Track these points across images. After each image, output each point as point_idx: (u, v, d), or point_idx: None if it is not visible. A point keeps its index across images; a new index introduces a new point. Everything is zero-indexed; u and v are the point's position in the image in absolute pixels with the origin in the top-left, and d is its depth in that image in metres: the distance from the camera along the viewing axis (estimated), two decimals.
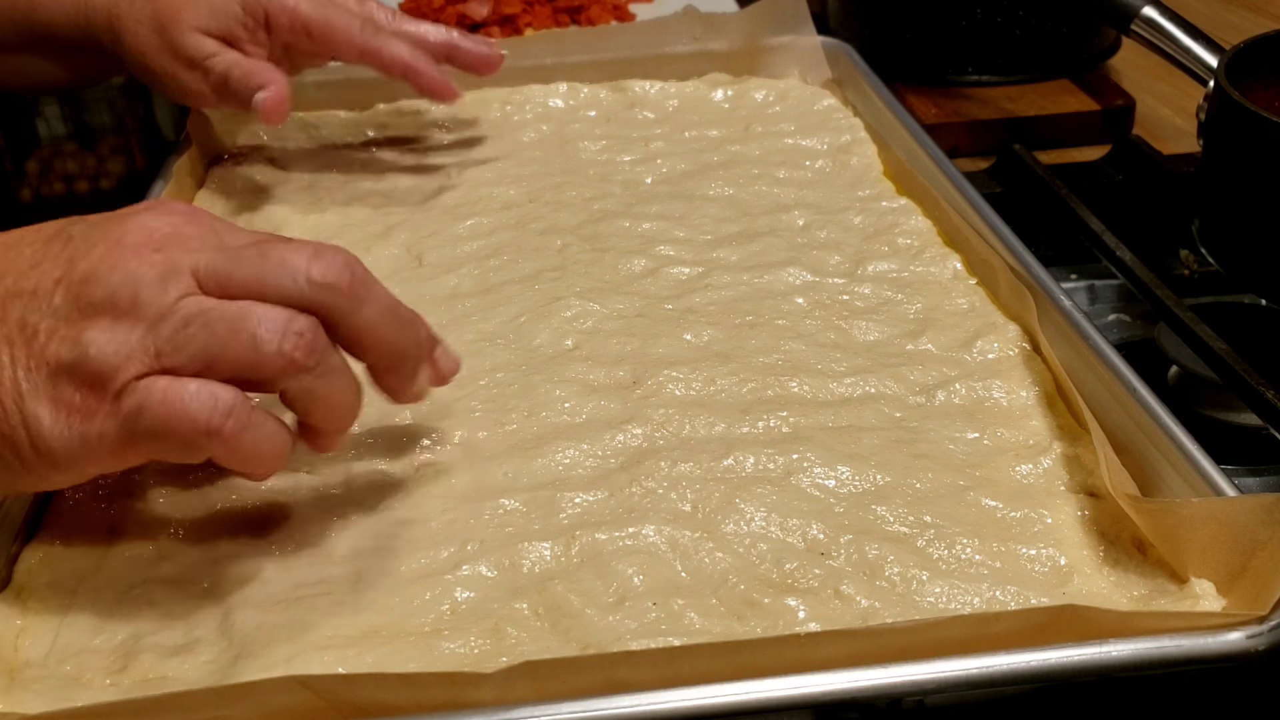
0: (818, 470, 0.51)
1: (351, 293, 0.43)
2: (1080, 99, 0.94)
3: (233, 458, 0.42)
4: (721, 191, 0.75)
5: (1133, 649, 0.39)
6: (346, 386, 0.45)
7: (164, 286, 0.41)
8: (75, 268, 0.42)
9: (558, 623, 0.44)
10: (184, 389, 0.41)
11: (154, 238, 0.43)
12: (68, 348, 0.41)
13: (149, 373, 0.41)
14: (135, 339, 0.41)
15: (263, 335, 0.41)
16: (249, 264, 0.43)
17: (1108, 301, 0.75)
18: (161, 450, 0.42)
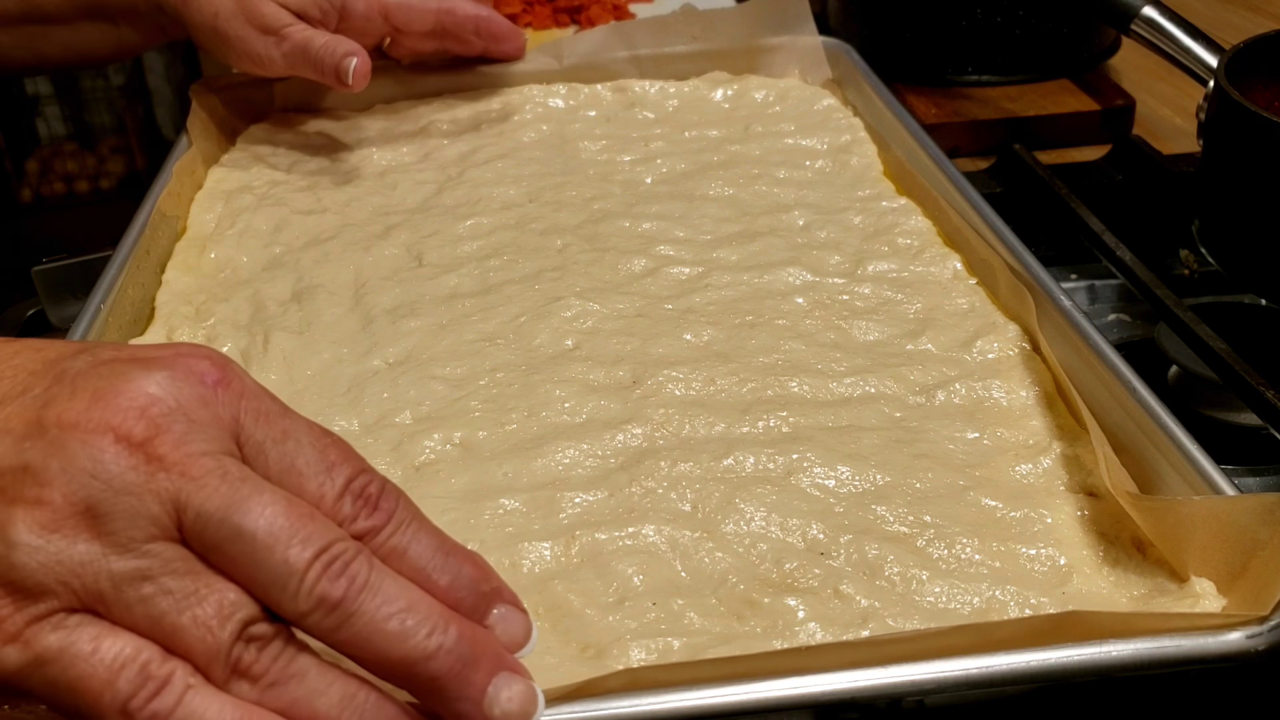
0: (817, 470, 0.51)
1: (343, 608, 0.34)
2: (1080, 99, 0.94)
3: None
4: (721, 191, 0.75)
5: (1133, 649, 0.39)
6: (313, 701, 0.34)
7: (136, 510, 0.33)
8: (45, 419, 0.33)
9: (558, 623, 0.44)
10: (127, 650, 0.33)
11: (147, 422, 0.34)
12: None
13: (81, 609, 0.33)
14: (78, 557, 0.32)
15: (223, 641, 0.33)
16: (245, 537, 0.33)
17: (1108, 301, 0.75)
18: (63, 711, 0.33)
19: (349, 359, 0.60)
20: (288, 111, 0.87)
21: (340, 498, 0.36)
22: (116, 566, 0.33)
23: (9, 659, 0.33)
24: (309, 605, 0.34)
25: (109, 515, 0.33)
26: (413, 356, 0.59)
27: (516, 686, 0.35)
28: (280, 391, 0.58)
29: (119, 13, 0.80)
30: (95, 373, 0.35)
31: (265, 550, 0.33)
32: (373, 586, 0.34)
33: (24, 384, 0.35)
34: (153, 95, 1.70)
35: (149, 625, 0.33)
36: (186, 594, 0.33)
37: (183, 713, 0.32)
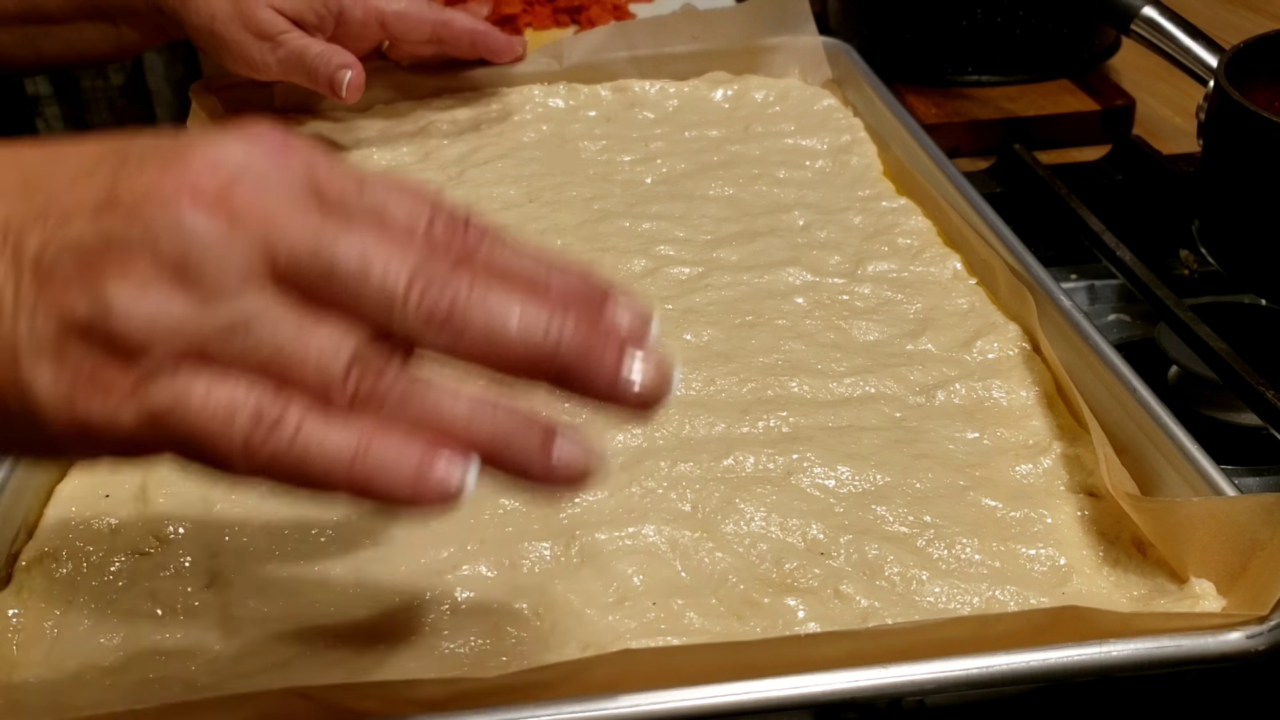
0: (817, 470, 0.51)
1: (454, 321, 0.33)
2: (1080, 99, 0.94)
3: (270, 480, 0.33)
4: (721, 191, 0.75)
5: (1133, 649, 0.39)
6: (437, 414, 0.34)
7: (223, 259, 0.32)
8: (119, 194, 0.33)
9: (558, 622, 0.44)
10: (238, 394, 0.32)
11: (221, 178, 0.33)
12: (91, 298, 0.32)
13: (187, 359, 0.32)
14: (176, 312, 0.32)
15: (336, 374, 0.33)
16: (340, 269, 0.33)
17: (1108, 301, 0.74)
18: (184, 458, 0.33)
19: None
20: (287, 112, 0.87)
21: (430, 226, 0.35)
22: (216, 316, 0.32)
23: (124, 419, 0.32)
24: (419, 323, 0.33)
25: (199, 269, 0.32)
26: None
27: (651, 360, 0.34)
28: None
29: (118, 13, 0.80)
30: (160, 148, 0.34)
31: (362, 279, 0.33)
32: (478, 296, 0.33)
33: (90, 166, 0.34)
34: (153, 95, 1.70)
35: (258, 369, 0.32)
36: (291, 334, 0.32)
37: (301, 443, 0.32)
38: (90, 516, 0.51)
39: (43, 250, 0.32)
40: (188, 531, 0.50)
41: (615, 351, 0.34)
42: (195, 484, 0.52)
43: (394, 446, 0.33)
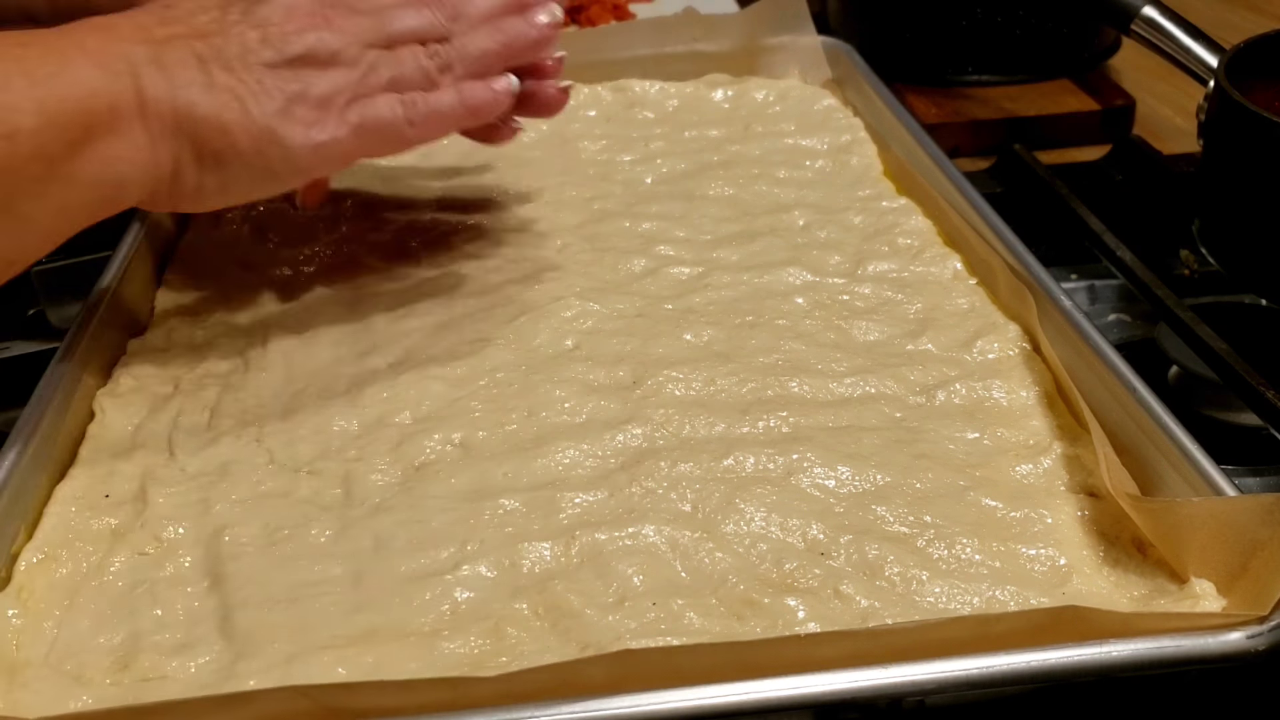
0: (818, 470, 0.51)
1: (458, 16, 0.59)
2: (1080, 99, 0.94)
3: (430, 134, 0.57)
4: (721, 191, 0.75)
5: (1133, 649, 0.39)
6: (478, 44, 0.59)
7: (347, 48, 0.55)
8: (270, 33, 0.54)
9: (557, 623, 0.44)
10: (390, 99, 0.56)
11: (317, 10, 0.55)
12: (294, 83, 0.53)
13: (359, 95, 0.55)
14: (342, 77, 0.55)
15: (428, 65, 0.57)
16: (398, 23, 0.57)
17: (1108, 301, 0.74)
18: (378, 147, 0.57)
19: (349, 359, 0.60)
20: None
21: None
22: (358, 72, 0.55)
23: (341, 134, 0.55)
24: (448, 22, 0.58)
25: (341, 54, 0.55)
26: (412, 356, 0.59)
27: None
28: (280, 391, 0.58)
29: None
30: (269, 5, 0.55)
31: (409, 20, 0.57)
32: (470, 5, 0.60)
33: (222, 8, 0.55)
34: None
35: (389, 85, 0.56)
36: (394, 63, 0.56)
37: (432, 106, 0.57)
38: (90, 516, 0.51)
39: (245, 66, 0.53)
40: (188, 531, 0.50)
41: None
42: (195, 484, 0.52)
43: (472, 85, 0.58)
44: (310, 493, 0.51)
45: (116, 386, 0.59)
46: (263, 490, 0.52)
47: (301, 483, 0.52)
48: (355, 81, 0.55)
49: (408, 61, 0.57)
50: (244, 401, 0.57)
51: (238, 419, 0.56)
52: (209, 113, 0.52)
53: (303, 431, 0.55)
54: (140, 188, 0.52)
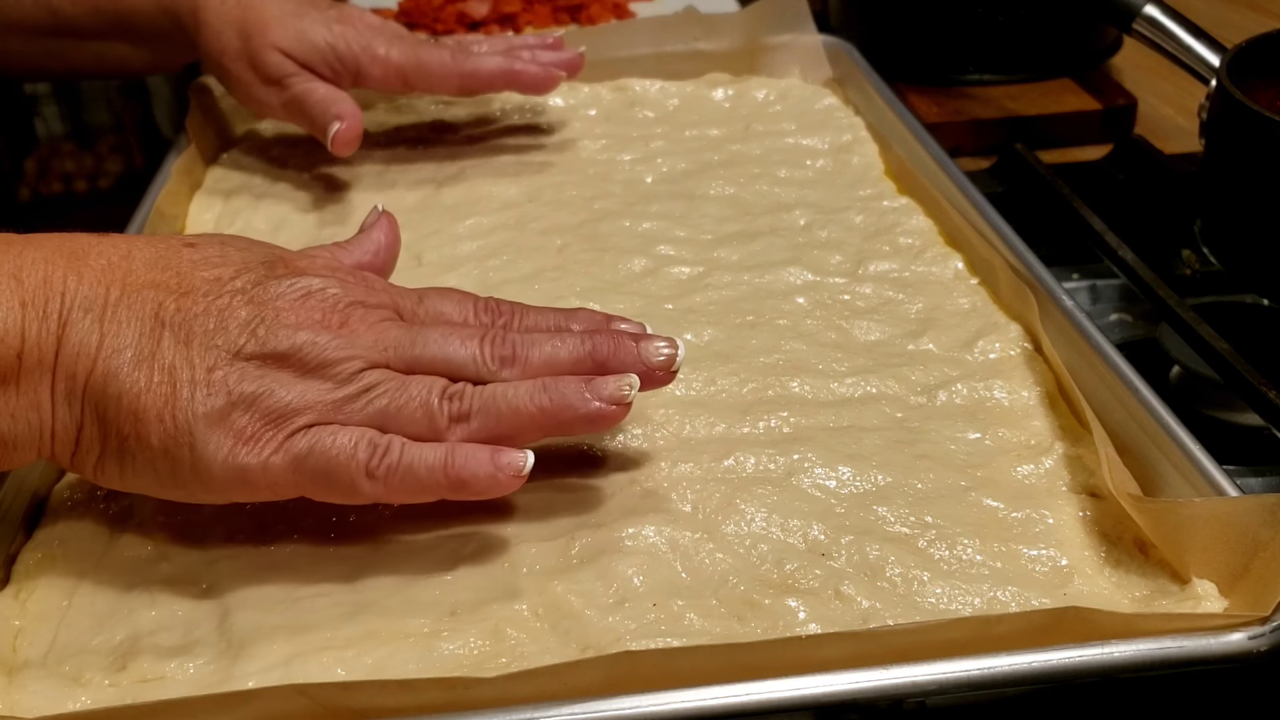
0: (818, 470, 0.51)
1: (518, 359, 0.47)
2: (1082, 98, 0.94)
3: (393, 495, 0.45)
4: (722, 191, 0.75)
5: (1134, 650, 0.39)
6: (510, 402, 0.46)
7: (351, 359, 0.45)
8: (263, 315, 0.45)
9: (557, 624, 0.44)
10: (355, 436, 0.44)
11: (338, 308, 0.47)
12: (253, 381, 0.44)
13: (327, 423, 0.45)
14: (317, 393, 0.45)
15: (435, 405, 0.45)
16: (431, 349, 0.47)
17: (1109, 301, 0.74)
18: (321, 491, 0.45)
19: None
20: None
21: (478, 314, 0.50)
22: (343, 391, 0.45)
23: (275, 463, 0.44)
24: (494, 367, 0.47)
25: (333, 367, 0.45)
26: None
27: (664, 341, 0.48)
28: None
29: (148, 33, 0.79)
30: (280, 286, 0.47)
31: (447, 346, 0.47)
32: (528, 339, 0.48)
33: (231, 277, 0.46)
34: (151, 94, 1.70)
35: (378, 418, 0.45)
36: (398, 391, 0.45)
37: (406, 461, 0.44)
38: (90, 517, 0.51)
39: (208, 346, 0.44)
40: (187, 532, 0.49)
41: (632, 339, 0.48)
42: None
43: (472, 450, 0.45)
44: None
45: None
46: None
47: None
48: (332, 404, 0.44)
49: (415, 396, 0.45)
50: None
51: None
52: (126, 389, 0.43)
53: None
54: (31, 450, 0.45)
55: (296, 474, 0.44)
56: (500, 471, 0.44)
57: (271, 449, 0.44)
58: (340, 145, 0.73)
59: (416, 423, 0.45)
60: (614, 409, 0.46)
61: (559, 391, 0.45)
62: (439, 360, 0.47)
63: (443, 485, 0.44)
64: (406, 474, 0.44)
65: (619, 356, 0.47)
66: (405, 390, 0.45)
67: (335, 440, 0.44)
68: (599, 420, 0.46)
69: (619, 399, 0.46)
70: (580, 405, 0.45)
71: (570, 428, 0.46)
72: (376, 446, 0.44)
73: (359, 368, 0.45)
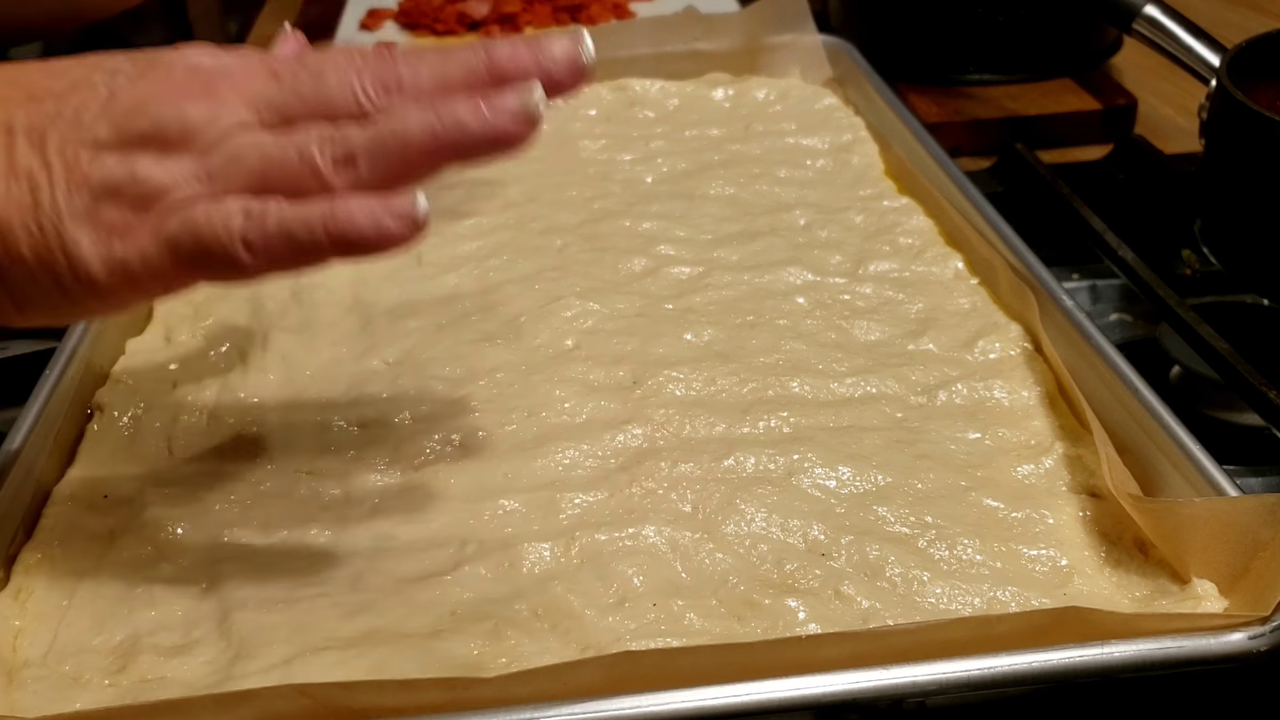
0: (818, 471, 0.51)
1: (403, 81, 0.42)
2: (1082, 98, 0.94)
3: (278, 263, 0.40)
4: (722, 191, 0.75)
5: (1134, 650, 0.39)
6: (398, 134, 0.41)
7: (215, 123, 0.41)
8: (119, 99, 0.41)
9: (557, 624, 0.44)
10: (227, 207, 0.40)
11: (201, 76, 0.42)
12: (114, 168, 0.40)
13: (196, 196, 0.40)
14: (184, 166, 0.40)
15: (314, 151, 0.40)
16: (304, 87, 0.42)
17: (1109, 301, 0.74)
18: (205, 272, 0.41)
19: (348, 359, 0.60)
20: None
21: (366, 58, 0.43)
22: (214, 157, 0.40)
23: (150, 251, 0.40)
24: (380, 96, 0.42)
25: (198, 134, 0.41)
26: (412, 356, 0.59)
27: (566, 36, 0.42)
28: (279, 391, 0.58)
29: None
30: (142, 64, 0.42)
31: (323, 85, 0.42)
32: (414, 58, 0.42)
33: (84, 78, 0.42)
34: None
35: (254, 179, 0.40)
36: (273, 144, 0.40)
37: (284, 222, 0.39)
38: (89, 517, 0.51)
39: (64, 143, 0.40)
40: (186, 532, 0.50)
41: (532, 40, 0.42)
42: (194, 485, 0.52)
43: (357, 200, 0.39)
44: (310, 493, 0.51)
45: (115, 387, 0.59)
46: (262, 490, 0.51)
47: (301, 483, 0.52)
48: (204, 174, 0.40)
49: (291, 148, 0.41)
50: (244, 401, 0.57)
51: (238, 419, 0.56)
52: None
53: (303, 431, 0.55)
54: None
55: (175, 259, 0.40)
56: (389, 218, 0.39)
57: (146, 237, 0.40)
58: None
59: (296, 176, 0.40)
60: (517, 124, 0.40)
61: (450, 111, 0.40)
62: (315, 104, 0.42)
63: (325, 245, 0.39)
64: (284, 238, 0.39)
65: (517, 60, 0.42)
66: (279, 144, 0.41)
67: (207, 215, 0.40)
68: (502, 139, 0.41)
69: (518, 110, 0.40)
70: (477, 123, 0.40)
71: (472, 152, 0.41)
72: (251, 213, 0.39)
73: (225, 129, 0.41)
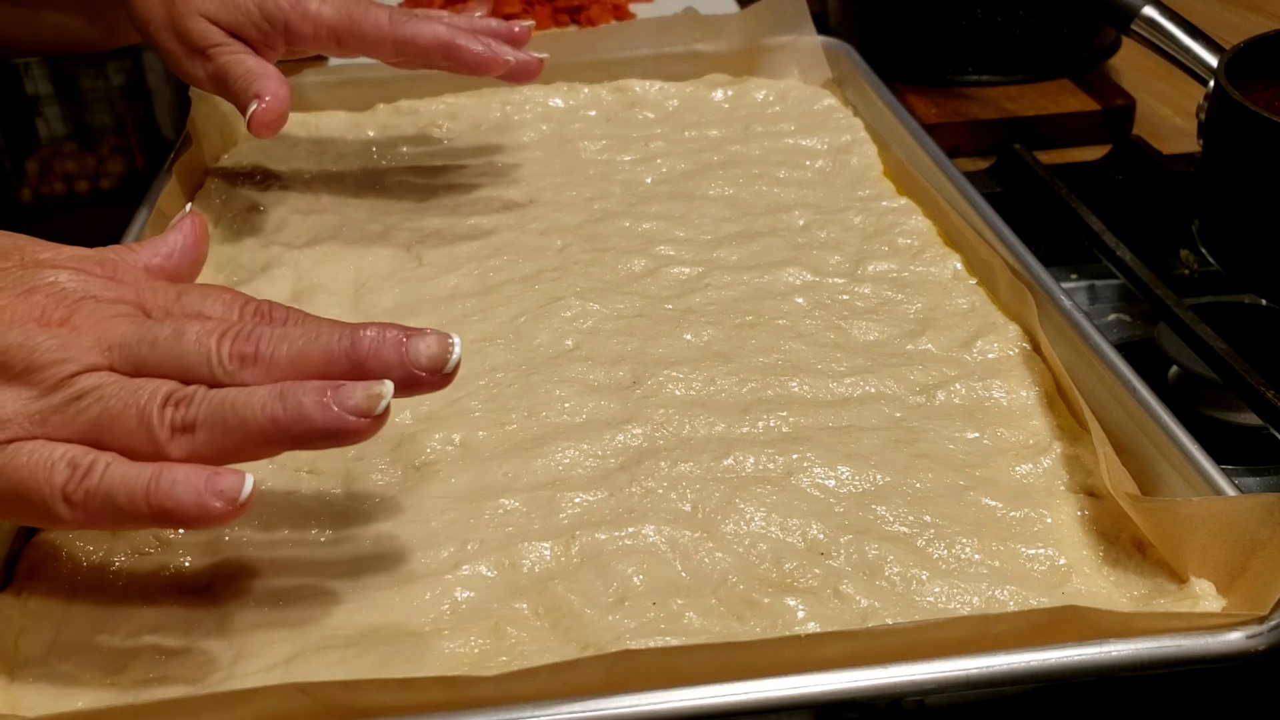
0: (818, 470, 0.51)
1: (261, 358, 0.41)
2: (1080, 99, 0.94)
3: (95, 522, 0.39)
4: (721, 191, 0.75)
5: (1133, 649, 0.39)
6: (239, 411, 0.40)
7: (63, 361, 0.39)
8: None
9: (557, 623, 0.44)
10: (52, 455, 0.38)
11: (65, 302, 0.41)
12: None
13: (28, 438, 0.39)
14: (18, 403, 0.39)
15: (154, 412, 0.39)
16: (161, 342, 0.40)
17: (1108, 301, 0.74)
18: (18, 517, 0.40)
19: None
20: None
21: (243, 316, 0.43)
22: (53, 399, 0.39)
23: None
24: (232, 366, 0.40)
25: (41, 369, 0.39)
26: None
27: (434, 336, 0.42)
28: None
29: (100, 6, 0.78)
30: (5, 279, 0.42)
31: (179, 343, 0.40)
32: (278, 335, 0.41)
33: None
34: (153, 95, 1.70)
35: (90, 430, 0.39)
36: (116, 393, 0.39)
37: (107, 484, 0.38)
38: None
39: None
40: (188, 531, 0.50)
41: (399, 337, 0.41)
42: None
43: (184, 473, 0.39)
44: (310, 493, 0.51)
45: None
46: (263, 490, 0.52)
47: (301, 483, 0.52)
48: (37, 415, 0.39)
49: (132, 403, 0.39)
50: None
51: None
52: None
53: None
54: None
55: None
56: (212, 497, 0.38)
57: None
58: (258, 127, 0.66)
59: (132, 434, 0.39)
60: (358, 421, 0.39)
61: (295, 399, 0.39)
62: (168, 359, 0.40)
63: (144, 514, 0.38)
64: (105, 500, 0.38)
65: (380, 355, 0.41)
66: (121, 397, 0.39)
67: (31, 458, 0.38)
68: (341, 434, 0.39)
69: (365, 410, 0.39)
70: (318, 416, 0.39)
71: (309, 442, 0.40)
72: (77, 467, 0.38)
73: (72, 371, 0.39)
